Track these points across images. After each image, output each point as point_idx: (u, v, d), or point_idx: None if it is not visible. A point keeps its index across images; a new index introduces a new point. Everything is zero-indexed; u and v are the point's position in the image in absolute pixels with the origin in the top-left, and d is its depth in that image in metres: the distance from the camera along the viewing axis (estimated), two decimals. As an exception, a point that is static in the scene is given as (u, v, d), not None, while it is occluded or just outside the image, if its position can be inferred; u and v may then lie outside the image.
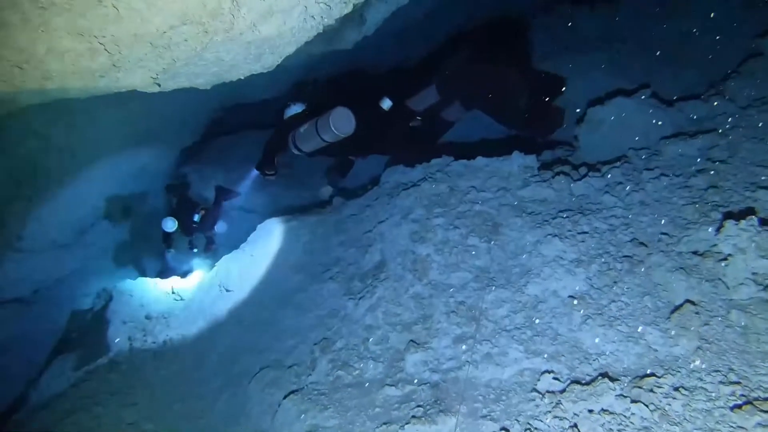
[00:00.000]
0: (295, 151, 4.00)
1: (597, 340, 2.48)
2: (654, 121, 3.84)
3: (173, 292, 5.51)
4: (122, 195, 6.65)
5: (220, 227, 6.60)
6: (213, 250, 6.60)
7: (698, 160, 3.30)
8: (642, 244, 2.82)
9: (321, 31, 2.52)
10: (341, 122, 3.62)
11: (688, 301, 2.40)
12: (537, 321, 2.70)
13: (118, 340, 4.86)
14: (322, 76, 4.70)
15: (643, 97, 3.97)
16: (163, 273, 6.40)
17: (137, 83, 2.25)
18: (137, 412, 3.76)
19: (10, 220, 5.19)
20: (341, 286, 3.64)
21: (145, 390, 4.00)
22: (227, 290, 4.85)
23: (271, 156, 4.20)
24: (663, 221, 2.92)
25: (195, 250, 6.60)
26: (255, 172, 4.46)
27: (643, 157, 3.54)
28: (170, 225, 6.23)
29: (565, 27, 6.68)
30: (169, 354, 4.40)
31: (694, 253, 2.63)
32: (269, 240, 4.82)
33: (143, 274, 6.83)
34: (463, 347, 2.76)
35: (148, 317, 5.18)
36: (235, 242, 5.34)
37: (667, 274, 2.59)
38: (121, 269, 7.01)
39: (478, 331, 2.81)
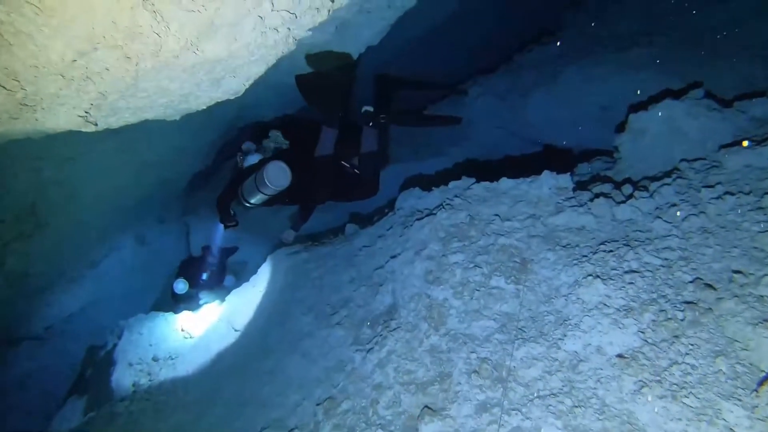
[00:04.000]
0: (246, 204, 4.00)
1: (657, 417, 1.95)
2: (710, 126, 3.26)
3: (183, 330, 5.17)
4: (133, 224, 6.43)
5: (229, 281, 6.42)
6: (220, 290, 6.38)
7: (771, 172, 2.71)
8: (708, 285, 2.26)
9: (293, 47, 2.09)
10: (275, 177, 3.71)
11: (779, 368, 1.84)
12: (577, 386, 2.18)
13: (121, 385, 4.54)
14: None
15: (695, 97, 3.39)
16: (175, 307, 6.11)
17: (64, 124, 1.87)
18: (129, 477, 3.39)
19: (12, 258, 4.97)
20: (349, 333, 3.19)
21: (141, 448, 3.64)
22: (235, 329, 4.47)
23: (226, 209, 4.15)
24: (733, 254, 2.35)
25: (201, 302, 6.37)
26: (221, 226, 4.33)
27: (700, 170, 2.97)
28: (181, 287, 6.13)
29: (597, 22, 6.09)
30: (171, 403, 4.03)
31: (780, 298, 2.07)
32: (278, 274, 4.43)
33: (156, 306, 6.57)
34: (488, 418, 2.26)
35: (155, 359, 4.85)
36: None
37: (745, 328, 2.03)
38: (135, 301, 6.77)
39: (506, 396, 2.30)
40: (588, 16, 6.33)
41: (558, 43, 6.11)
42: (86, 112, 1.83)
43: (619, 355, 2.18)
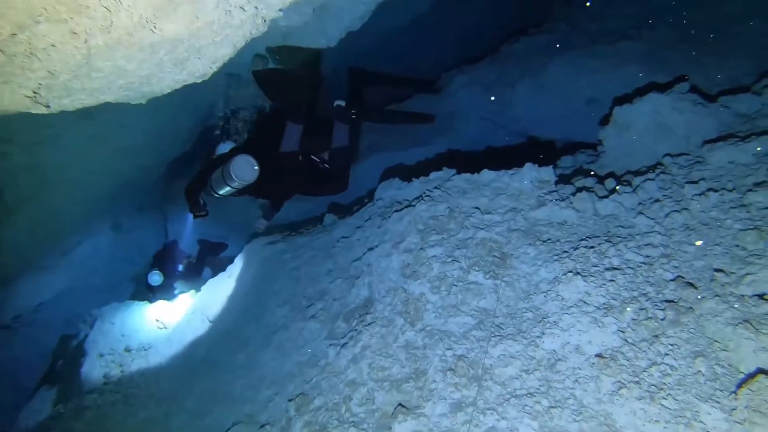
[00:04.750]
0: (215, 195, 3.94)
1: (635, 419, 1.89)
2: (695, 121, 3.21)
3: (157, 320, 5.04)
4: (109, 212, 6.25)
5: (206, 275, 6.29)
6: (196, 281, 6.25)
7: (756, 169, 2.66)
8: (689, 284, 2.20)
9: (263, 28, 1.98)
10: (242, 171, 3.65)
11: (761, 371, 1.78)
12: (555, 386, 2.12)
13: (90, 377, 4.41)
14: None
15: (681, 92, 3.34)
16: (151, 297, 5.97)
17: (10, 104, 1.74)
18: (94, 473, 3.29)
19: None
20: (324, 326, 3.10)
21: (108, 443, 3.53)
22: (209, 321, 4.37)
23: (195, 198, 4.09)
24: (715, 252, 2.30)
25: (177, 292, 6.21)
26: (191, 216, 4.25)
27: (684, 166, 2.91)
28: (156, 279, 6.02)
29: (588, 15, 6.01)
30: (141, 397, 3.92)
31: (762, 297, 2.02)
32: (254, 264, 4.32)
33: (132, 295, 6.43)
34: (463, 417, 2.19)
35: (127, 349, 4.72)
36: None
37: (726, 328, 1.98)
38: (111, 290, 6.61)
39: (481, 395, 2.23)
40: (579, 10, 6.25)
41: (546, 35, 6.02)
42: (35, 93, 1.70)
43: (598, 355, 2.12)
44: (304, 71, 4.21)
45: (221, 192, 3.84)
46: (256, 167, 3.68)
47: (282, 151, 3.94)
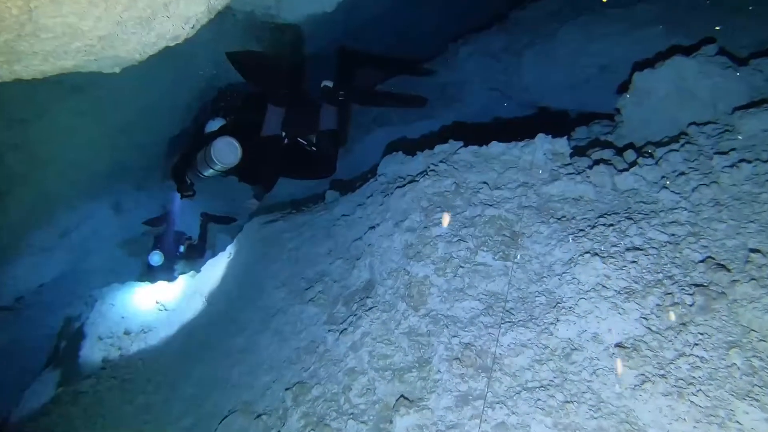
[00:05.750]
0: (201, 176, 3.80)
1: (660, 416, 1.70)
2: (723, 86, 2.95)
3: (157, 302, 4.92)
4: (107, 192, 6.10)
5: (209, 256, 6.14)
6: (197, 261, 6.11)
7: (792, 137, 2.42)
8: (720, 266, 1.99)
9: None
10: (223, 154, 3.54)
11: (805, 366, 1.59)
12: (570, 378, 1.93)
13: (89, 361, 4.31)
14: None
15: (708, 54, 3.06)
16: (152, 278, 5.85)
17: None
18: (90, 461, 3.19)
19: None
20: (323, 311, 2.93)
21: (105, 430, 3.42)
22: (208, 303, 4.23)
23: (182, 178, 3.97)
24: (750, 230, 2.08)
25: (177, 273, 6.07)
26: (178, 195, 4.16)
27: (712, 135, 2.67)
28: (157, 259, 5.95)
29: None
30: (139, 382, 3.81)
31: (804, 281, 1.81)
32: (254, 244, 4.15)
33: (137, 274, 6.34)
34: (470, 411, 2.02)
35: (127, 332, 4.62)
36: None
37: (763, 315, 1.78)
38: (112, 271, 6.52)
39: (490, 387, 2.06)
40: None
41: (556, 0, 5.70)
42: (-26, 54, 1.51)
43: (619, 345, 1.92)
44: (284, 52, 4.00)
45: (206, 173, 3.73)
46: (239, 150, 3.54)
47: (264, 134, 3.74)
